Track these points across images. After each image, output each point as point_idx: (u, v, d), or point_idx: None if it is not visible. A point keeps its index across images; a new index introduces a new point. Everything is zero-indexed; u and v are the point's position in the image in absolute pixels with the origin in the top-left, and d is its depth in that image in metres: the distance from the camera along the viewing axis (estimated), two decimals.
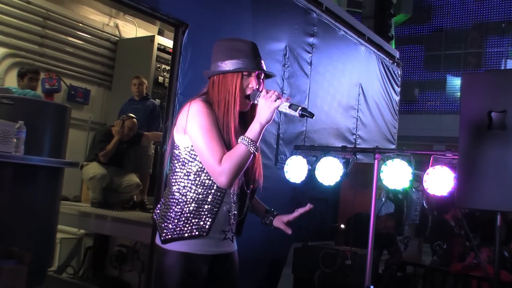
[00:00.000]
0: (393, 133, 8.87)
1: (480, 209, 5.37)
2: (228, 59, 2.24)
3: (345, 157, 4.86)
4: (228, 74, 2.24)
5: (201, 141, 2.15)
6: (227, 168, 2.09)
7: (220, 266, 2.33)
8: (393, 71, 8.90)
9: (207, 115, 2.17)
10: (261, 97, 2.18)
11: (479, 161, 3.67)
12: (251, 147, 2.11)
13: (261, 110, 2.15)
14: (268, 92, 2.17)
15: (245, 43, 2.30)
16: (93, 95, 7.27)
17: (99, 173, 5.54)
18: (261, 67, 2.28)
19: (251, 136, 2.13)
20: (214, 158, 2.11)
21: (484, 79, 3.90)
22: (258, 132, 2.14)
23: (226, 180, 2.11)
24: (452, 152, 4.25)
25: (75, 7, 6.99)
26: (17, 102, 4.05)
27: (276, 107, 2.14)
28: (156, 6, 4.27)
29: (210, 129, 2.15)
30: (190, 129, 2.18)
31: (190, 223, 2.19)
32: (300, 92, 6.21)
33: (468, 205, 3.99)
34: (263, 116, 2.14)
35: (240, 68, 2.23)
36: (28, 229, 3.89)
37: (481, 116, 3.66)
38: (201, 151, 2.16)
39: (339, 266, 5.03)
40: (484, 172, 3.63)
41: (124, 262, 5.22)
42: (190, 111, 2.19)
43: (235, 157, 2.10)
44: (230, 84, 2.23)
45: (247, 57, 2.24)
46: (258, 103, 2.19)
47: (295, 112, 2.14)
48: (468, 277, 5.71)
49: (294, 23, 6.13)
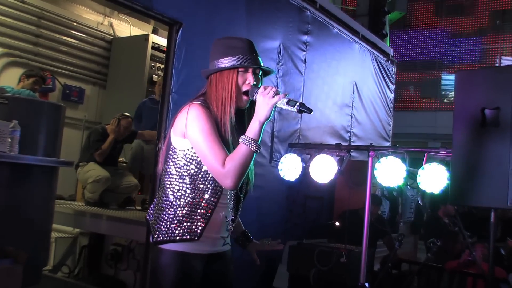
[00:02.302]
0: (388, 131, 8.89)
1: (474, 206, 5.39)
2: (225, 56, 2.24)
3: (339, 155, 4.87)
4: (225, 72, 2.24)
5: (204, 145, 2.14)
6: (231, 169, 2.09)
7: (215, 265, 2.33)
8: (388, 68, 8.92)
9: (207, 119, 2.16)
10: (259, 94, 2.16)
11: (473, 158, 3.69)
12: (252, 146, 2.11)
13: (259, 108, 2.14)
14: (265, 89, 2.16)
15: (241, 41, 2.30)
16: (88, 94, 7.25)
17: (104, 176, 5.53)
18: (258, 62, 2.28)
19: (251, 135, 2.12)
20: (218, 161, 2.11)
21: (478, 76, 3.92)
22: (258, 130, 2.14)
23: (232, 182, 2.10)
24: (446, 149, 4.27)
25: (69, 6, 6.97)
26: (12, 102, 4.04)
27: (274, 103, 2.12)
28: (150, 5, 4.28)
29: (211, 133, 2.15)
30: (191, 134, 2.17)
31: (182, 226, 2.19)
32: (294, 90, 6.21)
33: (462, 202, 4.01)
34: (261, 113, 2.13)
35: (236, 65, 2.23)
36: (23, 228, 3.88)
37: (474, 113, 3.68)
38: (204, 155, 2.16)
39: (334, 264, 5.04)
40: (478, 169, 3.65)
41: (119, 261, 5.21)
42: (189, 115, 2.18)
43: (238, 158, 2.10)
44: (226, 81, 2.23)
45: (243, 54, 2.25)
46: (256, 100, 2.17)
47: (293, 108, 2.12)
48: (463, 274, 5.73)
49: (288, 21, 6.13)
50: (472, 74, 4.04)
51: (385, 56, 8.92)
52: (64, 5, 6.89)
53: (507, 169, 3.51)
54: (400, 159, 4.44)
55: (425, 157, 4.35)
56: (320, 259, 5.13)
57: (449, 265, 5.88)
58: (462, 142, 3.77)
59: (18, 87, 5.53)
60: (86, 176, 5.63)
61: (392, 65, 9.15)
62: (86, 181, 5.64)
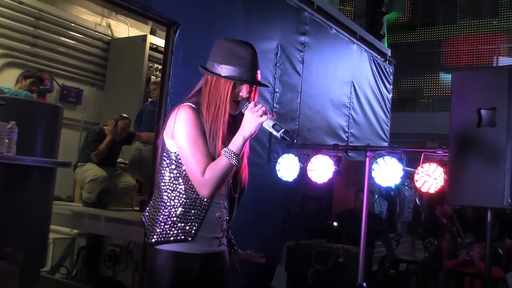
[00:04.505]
0: (386, 131, 8.91)
1: (470, 206, 5.41)
2: (225, 63, 2.22)
3: (336, 155, 4.88)
4: (222, 79, 2.23)
5: (187, 151, 2.16)
6: (210, 180, 2.11)
7: (211, 265, 2.34)
8: (385, 69, 8.93)
9: (194, 124, 2.17)
10: (248, 109, 2.17)
11: (470, 158, 3.71)
12: (233, 160, 2.12)
13: (245, 123, 2.16)
14: (255, 105, 2.17)
15: (246, 51, 2.24)
16: (86, 95, 7.26)
17: (101, 176, 5.54)
18: (255, 78, 2.25)
19: (233, 149, 2.14)
20: (198, 169, 2.13)
21: (474, 77, 3.93)
22: (241, 145, 2.15)
23: (208, 191, 2.13)
24: (443, 150, 4.28)
25: (67, 7, 6.97)
26: (9, 102, 4.04)
27: (260, 122, 2.14)
28: (148, 6, 4.29)
29: (196, 140, 2.16)
30: (177, 137, 2.19)
31: (176, 227, 2.20)
32: (292, 91, 6.23)
33: (459, 202, 4.03)
34: (246, 129, 2.15)
35: (234, 77, 2.21)
36: (21, 229, 3.88)
37: (471, 113, 3.69)
38: (186, 160, 2.17)
39: (332, 263, 5.04)
40: (475, 169, 3.67)
41: (117, 261, 5.22)
42: (178, 118, 2.19)
43: (218, 170, 2.12)
44: (222, 90, 2.21)
45: (243, 66, 2.21)
46: (244, 115, 2.18)
47: (277, 133, 2.15)
48: (460, 274, 5.74)
49: (286, 22, 6.15)
50: (469, 75, 4.05)
51: (382, 56, 8.94)
52: (62, 6, 6.90)
53: (503, 169, 3.52)
54: (397, 159, 4.45)
55: (422, 157, 4.36)
56: (318, 259, 5.14)
57: (447, 264, 5.89)
58: (459, 142, 3.78)
59: (16, 88, 5.54)
60: (84, 176, 5.64)
61: (389, 65, 9.17)
62: (84, 181, 5.65)
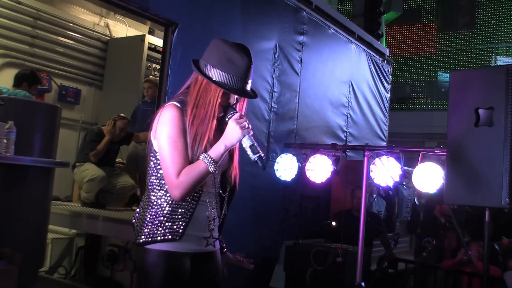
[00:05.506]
0: (384, 130, 8.91)
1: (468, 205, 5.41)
2: (219, 68, 2.18)
3: (335, 155, 4.88)
4: (213, 84, 2.19)
5: (166, 150, 2.15)
6: (184, 183, 2.11)
7: (203, 265, 2.33)
8: (383, 68, 8.94)
9: (177, 125, 2.16)
10: (233, 120, 2.17)
11: (467, 158, 3.71)
12: (211, 167, 2.12)
13: (228, 133, 2.16)
14: (241, 117, 2.17)
15: (242, 59, 2.19)
16: (84, 95, 7.25)
17: (99, 175, 5.53)
18: (245, 89, 2.23)
19: (213, 156, 2.14)
20: (174, 170, 2.12)
21: (472, 76, 3.94)
22: (221, 153, 2.15)
23: (179, 194, 2.12)
24: (441, 149, 4.29)
25: (65, 7, 6.97)
26: (7, 102, 4.03)
27: (242, 136, 2.15)
28: (146, 6, 4.29)
29: (176, 140, 2.15)
30: (158, 135, 2.19)
31: (163, 226, 2.19)
32: (290, 91, 6.23)
33: (456, 201, 4.03)
34: (229, 139, 2.15)
35: (224, 85, 2.18)
36: (19, 229, 3.89)
37: (469, 113, 3.70)
38: (163, 159, 2.17)
39: (330, 263, 5.05)
40: (472, 169, 3.67)
41: (116, 261, 5.21)
42: (161, 117, 2.19)
43: (194, 174, 2.12)
44: (212, 95, 2.19)
45: (236, 75, 2.18)
46: (228, 124, 2.18)
47: (252, 155, 2.16)
48: (459, 273, 5.75)
49: (284, 22, 6.15)
50: (467, 74, 4.06)
51: (381, 56, 8.95)
52: (60, 6, 6.89)
53: (501, 169, 3.53)
54: (395, 158, 4.45)
55: (420, 156, 4.36)
56: (316, 258, 5.14)
57: (445, 264, 5.90)
58: (457, 141, 3.79)
59: (14, 88, 5.53)
60: (82, 176, 5.63)
61: (388, 65, 9.18)
62: (82, 181, 5.64)
